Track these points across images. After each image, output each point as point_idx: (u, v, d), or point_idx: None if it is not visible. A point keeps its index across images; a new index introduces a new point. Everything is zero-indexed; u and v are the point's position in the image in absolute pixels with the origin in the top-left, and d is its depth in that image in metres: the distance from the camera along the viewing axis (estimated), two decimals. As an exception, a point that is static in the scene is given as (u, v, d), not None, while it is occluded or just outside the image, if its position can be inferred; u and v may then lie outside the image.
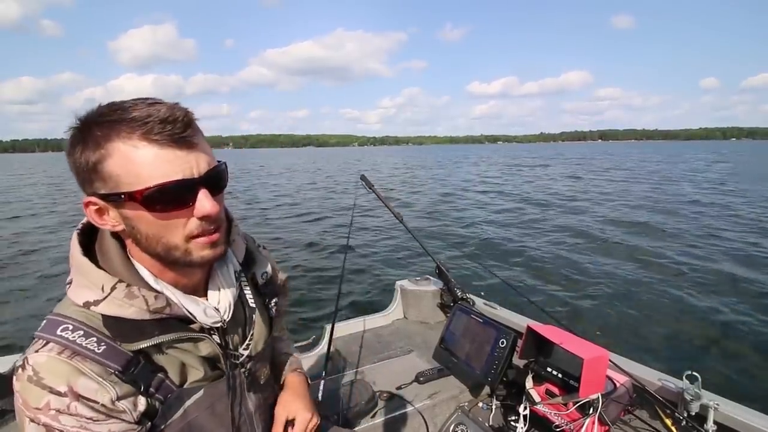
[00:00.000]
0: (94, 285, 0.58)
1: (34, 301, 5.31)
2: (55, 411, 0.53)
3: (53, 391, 0.53)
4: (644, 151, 75.73)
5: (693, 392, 1.24)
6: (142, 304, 0.59)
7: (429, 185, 19.59)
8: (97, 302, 0.57)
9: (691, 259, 6.40)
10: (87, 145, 0.54)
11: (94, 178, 0.55)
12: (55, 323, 0.57)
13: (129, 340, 0.58)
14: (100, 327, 0.58)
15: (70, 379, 0.54)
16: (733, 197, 12.90)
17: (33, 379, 0.53)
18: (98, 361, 0.56)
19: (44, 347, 0.55)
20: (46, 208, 13.89)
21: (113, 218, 0.58)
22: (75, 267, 0.60)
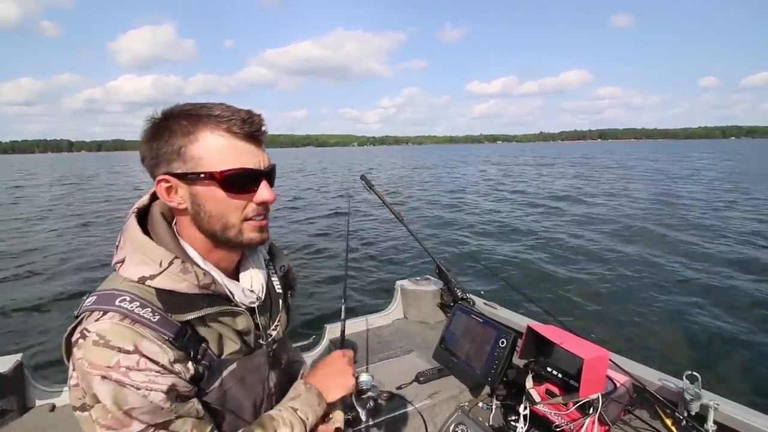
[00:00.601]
0: (152, 261, 0.64)
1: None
2: (125, 368, 0.57)
3: (122, 351, 0.58)
4: (644, 150, 75.77)
5: (693, 392, 1.24)
6: (193, 279, 0.65)
7: (429, 185, 19.57)
8: (153, 276, 0.63)
9: (692, 259, 6.41)
10: (174, 132, 0.64)
11: (173, 159, 0.64)
12: (111, 296, 0.62)
13: (179, 311, 0.64)
14: (154, 300, 0.63)
15: (135, 340, 0.59)
16: (736, 197, 12.89)
17: (100, 342, 0.57)
18: (154, 329, 0.61)
19: (104, 316, 0.60)
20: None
21: (181, 196, 0.66)
22: (132, 245, 0.66)
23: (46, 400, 1.61)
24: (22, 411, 1.54)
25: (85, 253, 7.72)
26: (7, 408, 1.50)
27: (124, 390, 0.57)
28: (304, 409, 0.73)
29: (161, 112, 0.66)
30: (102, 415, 0.57)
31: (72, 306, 2.52)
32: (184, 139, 0.63)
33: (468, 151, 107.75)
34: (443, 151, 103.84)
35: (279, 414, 0.72)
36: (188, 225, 0.69)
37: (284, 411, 0.72)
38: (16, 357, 1.57)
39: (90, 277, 6.23)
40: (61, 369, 0.66)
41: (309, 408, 0.74)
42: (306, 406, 0.74)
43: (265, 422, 0.70)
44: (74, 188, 21.64)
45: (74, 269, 6.74)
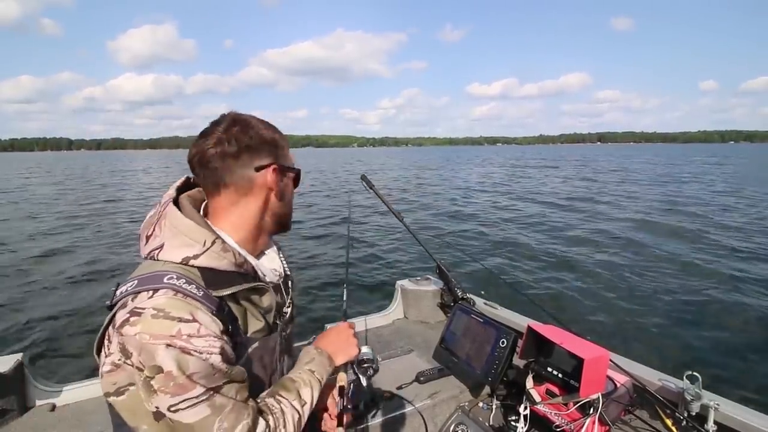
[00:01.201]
0: (196, 241, 0.71)
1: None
2: (187, 335, 0.62)
3: (183, 320, 0.63)
4: (644, 153, 75.74)
5: (693, 392, 1.24)
6: (231, 258, 0.73)
7: (430, 185, 19.57)
8: (197, 256, 0.70)
9: (692, 259, 6.41)
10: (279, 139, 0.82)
11: (281, 154, 0.81)
12: (157, 276, 0.66)
13: (218, 287, 0.70)
14: (196, 278, 0.69)
15: (191, 311, 0.64)
16: (737, 199, 12.88)
17: (159, 315, 0.62)
18: (201, 302, 0.66)
19: (157, 293, 0.64)
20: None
21: (276, 180, 0.79)
22: (171, 230, 0.71)
23: (46, 400, 1.61)
24: (22, 411, 1.54)
25: (86, 253, 7.72)
26: (7, 408, 1.50)
27: (187, 356, 0.61)
28: (319, 371, 0.82)
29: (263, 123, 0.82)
30: (165, 384, 0.60)
31: (73, 306, 2.55)
32: (285, 144, 0.83)
33: (468, 152, 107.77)
34: (443, 152, 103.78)
35: (299, 376, 0.80)
36: (243, 210, 0.78)
37: (303, 373, 0.80)
38: (16, 357, 1.57)
39: (90, 276, 6.23)
40: (61, 369, 0.66)
41: (322, 369, 0.83)
42: (320, 368, 0.83)
43: (287, 384, 0.77)
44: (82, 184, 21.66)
45: (75, 269, 6.73)
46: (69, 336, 4.18)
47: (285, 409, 0.73)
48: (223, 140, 0.74)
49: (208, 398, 0.63)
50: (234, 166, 0.75)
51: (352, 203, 11.91)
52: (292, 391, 0.76)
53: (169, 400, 0.61)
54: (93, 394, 1.65)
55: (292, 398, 0.75)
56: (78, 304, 5.09)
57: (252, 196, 0.78)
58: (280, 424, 0.71)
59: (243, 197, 0.78)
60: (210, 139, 0.74)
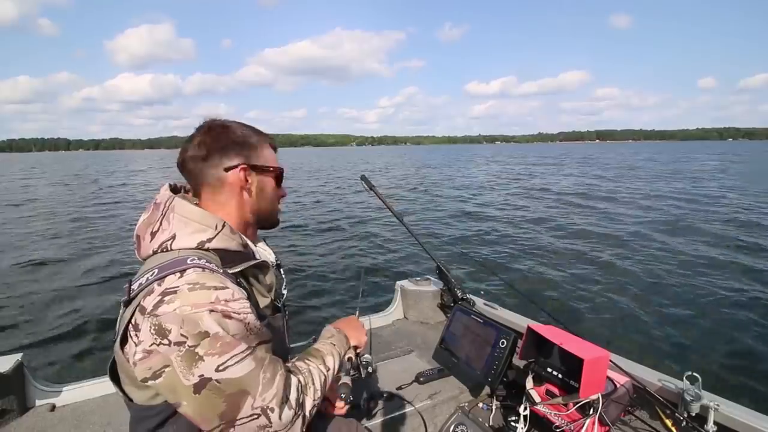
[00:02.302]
0: (208, 226, 0.77)
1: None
2: (225, 300, 0.67)
3: (218, 288, 0.68)
4: (641, 150, 75.74)
5: (693, 393, 1.24)
6: (239, 239, 0.81)
7: (430, 185, 19.58)
8: (211, 239, 0.76)
9: (693, 259, 6.40)
10: (251, 137, 0.87)
11: (252, 155, 0.85)
12: (179, 260, 0.71)
13: (233, 265, 0.77)
14: (213, 258, 0.75)
15: (222, 280, 0.70)
16: (732, 195, 12.88)
17: (195, 287, 0.66)
18: (225, 275, 0.72)
19: (186, 272, 0.68)
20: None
21: (250, 182, 0.86)
22: (185, 219, 0.77)
23: (46, 400, 1.61)
24: (22, 411, 1.54)
25: (87, 253, 7.72)
26: (7, 408, 1.50)
27: (228, 319, 0.67)
28: (339, 345, 0.95)
29: (239, 126, 0.88)
30: (212, 346, 0.65)
31: (73, 305, 2.54)
32: (260, 143, 0.88)
33: (467, 151, 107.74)
34: (441, 152, 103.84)
35: (323, 347, 0.91)
36: (222, 207, 0.84)
37: (326, 345, 0.92)
38: (16, 357, 1.57)
39: (91, 277, 6.23)
40: (61, 369, 0.66)
41: (341, 345, 0.95)
42: (339, 343, 0.95)
43: (313, 352, 0.88)
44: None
45: (76, 269, 6.74)
46: (69, 336, 4.18)
47: (312, 370, 0.83)
48: (197, 144, 0.82)
49: (251, 353, 0.69)
50: (205, 167, 0.82)
51: (354, 204, 11.92)
52: (318, 358, 0.86)
53: (216, 360, 0.65)
54: (93, 394, 1.65)
55: (318, 363, 0.85)
56: (78, 304, 5.09)
57: (226, 195, 0.84)
58: (309, 381, 0.80)
59: (218, 195, 0.84)
60: (189, 145, 0.83)
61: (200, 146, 0.82)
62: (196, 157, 0.82)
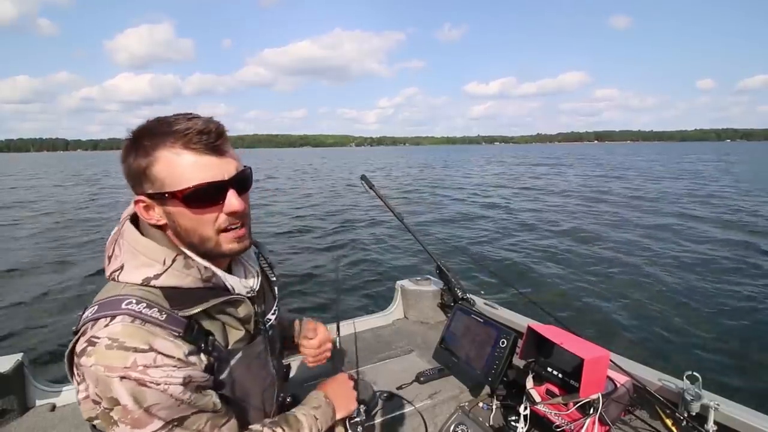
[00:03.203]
0: (156, 261, 0.66)
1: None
2: (143, 366, 0.59)
3: (138, 350, 0.59)
4: (640, 151, 75.77)
5: (693, 392, 1.24)
6: (196, 274, 0.69)
7: (430, 185, 19.57)
8: (158, 276, 0.66)
9: (692, 260, 6.41)
10: (138, 154, 0.65)
11: (143, 180, 0.66)
12: (115, 302, 0.63)
13: (186, 306, 0.66)
14: (159, 300, 0.65)
15: (149, 339, 0.61)
16: (732, 195, 12.88)
17: (113, 345, 0.59)
18: (164, 327, 0.63)
19: (113, 321, 0.61)
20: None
21: (158, 214, 0.68)
22: (129, 251, 0.67)
23: (46, 400, 1.61)
24: (22, 411, 1.54)
25: (88, 253, 7.72)
26: (7, 408, 1.50)
27: (144, 388, 0.59)
28: (323, 420, 0.83)
29: (131, 132, 0.67)
30: (123, 416, 0.58)
31: (73, 305, 2.55)
32: (146, 159, 0.64)
33: (466, 152, 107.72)
34: (439, 152, 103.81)
35: (304, 417, 0.80)
36: (174, 236, 0.71)
37: (308, 417, 0.80)
38: (16, 357, 1.57)
39: (92, 277, 6.23)
40: (61, 369, 0.65)
41: (325, 421, 0.83)
42: (324, 417, 0.83)
43: (291, 421, 0.78)
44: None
45: (77, 269, 6.74)
46: (69, 336, 4.16)
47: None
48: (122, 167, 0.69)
49: (169, 430, 0.61)
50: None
51: (354, 204, 11.92)
52: (293, 429, 0.76)
53: (129, 431, 0.59)
54: None
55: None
56: (79, 305, 5.10)
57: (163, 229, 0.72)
58: None
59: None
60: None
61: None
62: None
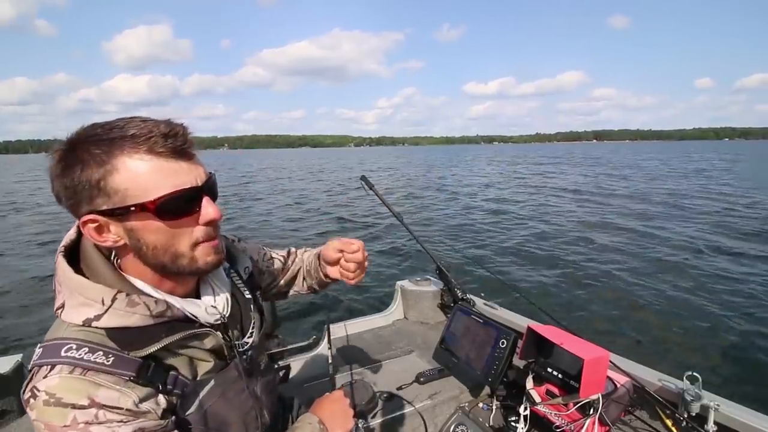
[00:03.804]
0: (93, 300, 0.58)
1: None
2: (83, 423, 0.53)
3: (76, 407, 0.53)
4: (639, 150, 75.79)
5: (693, 393, 1.24)
6: (144, 311, 0.60)
7: (429, 185, 19.57)
8: (98, 317, 0.58)
9: (693, 259, 6.40)
10: (87, 164, 0.55)
11: (95, 195, 0.56)
12: (55, 347, 0.57)
13: (136, 347, 0.59)
14: (104, 341, 0.59)
15: (89, 392, 0.55)
16: (732, 195, 12.89)
17: (51, 401, 0.53)
18: (110, 372, 0.57)
19: (52, 371, 0.55)
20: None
21: (114, 234, 0.59)
22: (67, 288, 0.60)
23: None
24: (22, 411, 1.54)
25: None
26: (7, 408, 1.50)
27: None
28: None
29: (66, 142, 0.56)
30: None
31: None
32: (101, 170, 0.54)
33: (465, 152, 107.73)
34: (440, 152, 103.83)
35: None
36: (133, 258, 0.62)
37: None
38: (16, 357, 1.57)
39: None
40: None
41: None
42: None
43: None
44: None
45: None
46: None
47: None
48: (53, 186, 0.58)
49: None
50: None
51: (353, 203, 11.89)
52: None
53: None
54: None
55: None
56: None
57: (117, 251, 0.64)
58: None
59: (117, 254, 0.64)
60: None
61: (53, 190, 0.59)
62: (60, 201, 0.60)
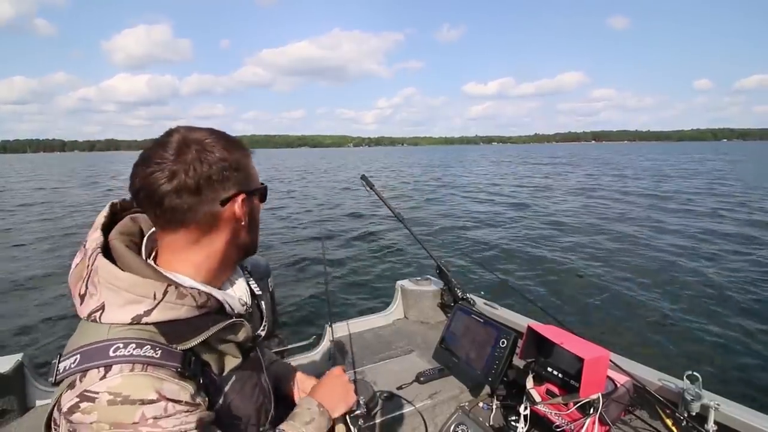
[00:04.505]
0: (143, 296, 0.60)
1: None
2: (152, 419, 0.54)
3: (145, 402, 0.54)
4: (640, 151, 75.79)
5: (694, 392, 1.24)
6: (191, 302, 0.63)
7: (429, 185, 19.57)
8: (149, 312, 0.60)
9: (692, 259, 6.41)
10: (232, 146, 0.68)
11: (239, 175, 0.68)
12: (101, 349, 0.57)
13: (184, 339, 0.62)
14: (153, 336, 0.60)
15: (155, 386, 0.56)
16: (731, 196, 12.89)
17: (117, 401, 0.53)
18: (163, 365, 0.58)
19: (109, 372, 0.55)
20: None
21: (247, 211, 0.70)
22: (109, 288, 0.60)
23: (47, 400, 1.60)
24: (22, 411, 1.54)
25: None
26: (7, 408, 1.50)
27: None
28: (319, 430, 0.79)
29: (221, 139, 0.68)
30: None
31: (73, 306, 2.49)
32: (241, 152, 0.69)
33: (463, 152, 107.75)
34: (439, 152, 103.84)
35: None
36: (204, 249, 0.68)
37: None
38: (16, 357, 1.57)
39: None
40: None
41: (321, 429, 0.79)
42: (320, 428, 0.79)
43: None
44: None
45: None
46: (69, 336, 4.17)
47: None
48: (177, 172, 0.61)
49: None
50: (195, 203, 0.63)
51: (352, 203, 11.91)
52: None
53: None
54: None
55: None
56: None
57: (218, 233, 0.68)
58: None
59: (206, 235, 0.67)
60: (158, 170, 0.61)
61: (187, 173, 0.61)
62: (181, 190, 0.61)
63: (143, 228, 0.73)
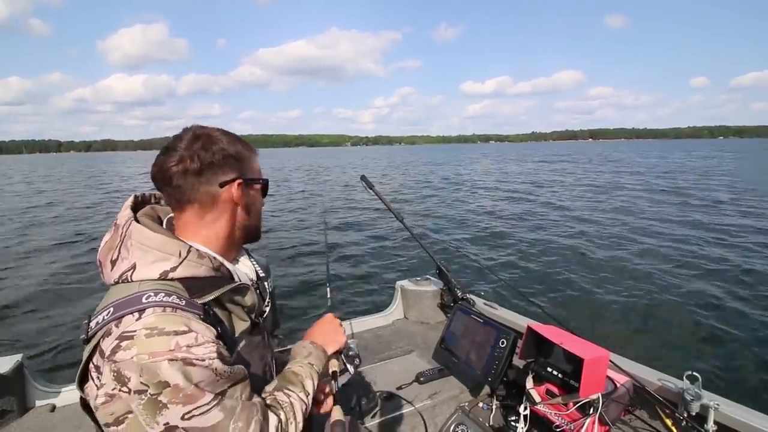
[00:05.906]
0: (170, 254, 0.71)
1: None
2: (186, 346, 0.62)
3: (178, 333, 0.63)
4: (635, 149, 75.79)
5: (693, 392, 1.24)
6: (208, 263, 0.74)
7: (429, 185, 19.57)
8: (174, 268, 0.70)
9: (692, 259, 6.40)
10: (236, 142, 0.81)
11: (241, 165, 0.80)
12: (133, 299, 0.65)
13: (203, 293, 0.71)
14: (177, 290, 0.69)
15: (185, 322, 0.65)
16: (731, 196, 12.88)
17: (153, 333, 0.61)
18: (188, 310, 0.67)
19: (143, 314, 0.63)
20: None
21: (244, 197, 0.81)
22: (141, 248, 0.70)
23: (46, 400, 1.61)
24: (22, 411, 1.54)
25: (92, 254, 7.71)
26: (7, 408, 1.50)
27: (190, 367, 0.62)
28: (317, 363, 0.89)
29: (226, 135, 0.81)
30: (174, 396, 0.60)
31: (74, 306, 2.54)
32: (245, 148, 0.82)
33: (461, 151, 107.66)
34: (437, 152, 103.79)
35: (301, 369, 0.85)
36: (209, 226, 0.79)
37: (304, 366, 0.87)
38: (16, 357, 1.57)
39: (94, 277, 6.23)
40: (61, 369, 0.65)
41: (319, 362, 0.90)
42: (317, 360, 0.89)
43: (292, 378, 0.83)
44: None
45: (79, 270, 6.74)
46: (69, 337, 4.18)
47: (294, 402, 0.78)
48: (185, 157, 0.74)
49: (218, 403, 0.64)
50: (197, 183, 0.75)
51: (352, 203, 11.89)
52: (297, 384, 0.82)
53: (181, 409, 0.61)
54: None
55: (298, 390, 0.81)
56: (79, 305, 5.10)
57: (217, 212, 0.79)
58: (291, 416, 0.76)
59: (208, 213, 0.79)
60: (171, 157, 0.74)
61: (192, 159, 0.74)
62: (187, 171, 0.74)
63: (161, 216, 0.84)
